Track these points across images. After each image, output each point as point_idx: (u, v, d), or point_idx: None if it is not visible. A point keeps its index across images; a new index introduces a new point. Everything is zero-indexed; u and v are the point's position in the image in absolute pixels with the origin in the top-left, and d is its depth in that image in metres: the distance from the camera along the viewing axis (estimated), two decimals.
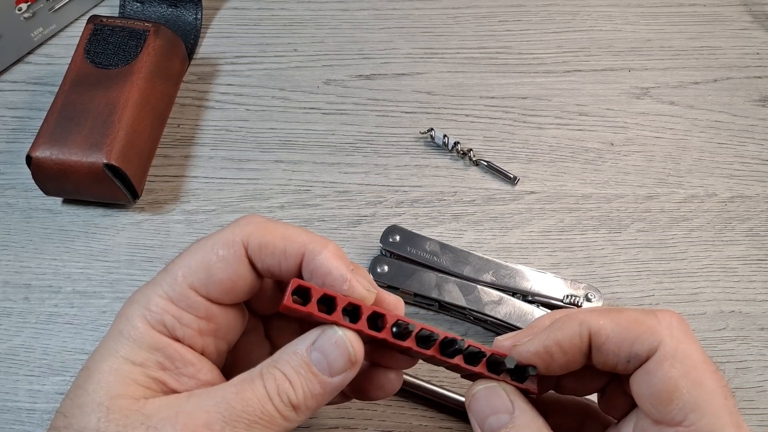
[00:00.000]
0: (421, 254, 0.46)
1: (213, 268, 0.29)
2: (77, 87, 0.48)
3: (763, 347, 0.45)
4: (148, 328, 0.28)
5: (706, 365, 0.27)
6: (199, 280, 0.29)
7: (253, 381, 0.27)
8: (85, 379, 0.27)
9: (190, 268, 0.29)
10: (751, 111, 0.55)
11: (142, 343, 0.28)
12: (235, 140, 0.53)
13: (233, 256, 0.29)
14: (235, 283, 0.29)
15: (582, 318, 0.29)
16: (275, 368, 0.28)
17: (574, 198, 0.51)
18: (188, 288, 0.29)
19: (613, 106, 0.55)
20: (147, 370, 0.28)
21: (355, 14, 0.60)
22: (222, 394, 0.27)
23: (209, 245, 0.29)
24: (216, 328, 0.30)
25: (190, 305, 0.29)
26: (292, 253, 0.29)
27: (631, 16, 0.61)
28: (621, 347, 0.28)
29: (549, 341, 0.29)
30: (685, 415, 0.26)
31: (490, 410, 0.29)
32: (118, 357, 0.28)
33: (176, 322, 0.28)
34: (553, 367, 0.30)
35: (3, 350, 0.44)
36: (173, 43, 0.52)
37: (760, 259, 0.48)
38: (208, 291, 0.29)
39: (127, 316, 0.29)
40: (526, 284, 0.45)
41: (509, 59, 0.58)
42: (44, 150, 0.45)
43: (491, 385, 0.30)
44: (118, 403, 0.26)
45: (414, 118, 0.54)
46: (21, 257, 0.47)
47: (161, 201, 0.50)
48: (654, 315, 0.28)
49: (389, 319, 0.29)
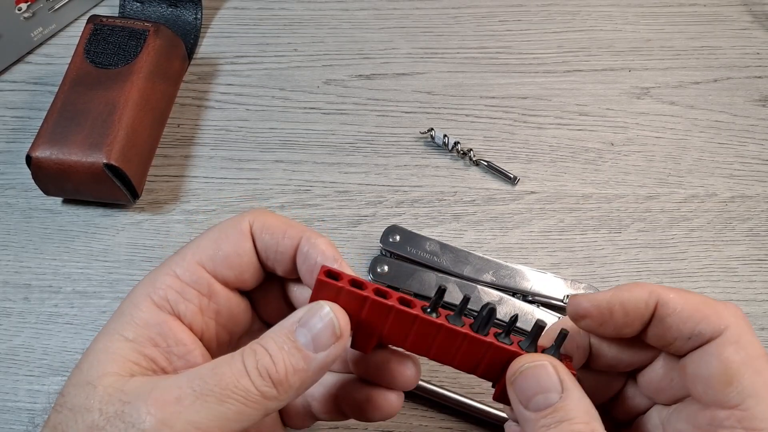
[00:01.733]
0: (421, 254, 0.46)
1: (220, 243, 0.30)
2: (77, 87, 0.48)
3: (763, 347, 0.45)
4: (150, 306, 0.29)
5: (766, 358, 0.27)
6: (207, 256, 0.30)
7: (231, 358, 0.27)
8: (82, 360, 0.28)
9: (199, 246, 0.30)
10: (752, 111, 0.55)
11: (139, 320, 0.28)
12: (235, 140, 0.53)
13: (240, 232, 0.31)
14: (241, 258, 0.30)
15: (652, 287, 0.29)
16: (257, 344, 0.27)
17: (575, 198, 0.51)
18: (195, 264, 0.30)
19: (614, 106, 0.55)
20: (138, 345, 0.28)
21: (355, 14, 0.60)
22: (197, 370, 0.27)
23: (218, 227, 0.31)
24: (217, 310, 0.31)
25: (195, 281, 0.30)
26: (291, 236, 0.31)
27: (632, 16, 0.61)
28: (686, 323, 0.28)
29: (614, 299, 0.29)
30: (743, 399, 0.26)
31: (539, 388, 0.28)
32: (113, 334, 0.28)
33: (179, 297, 0.29)
34: (606, 326, 0.29)
35: (3, 350, 0.44)
36: (173, 43, 0.52)
37: (760, 259, 0.48)
38: (215, 266, 0.30)
39: (130, 297, 0.29)
40: (526, 284, 0.45)
41: (509, 59, 0.58)
42: (44, 150, 0.45)
43: (540, 363, 0.29)
44: (105, 381, 0.26)
45: (414, 118, 0.54)
46: (21, 257, 0.47)
47: (161, 201, 0.50)
48: (721, 303, 0.29)
49: (416, 303, 0.29)
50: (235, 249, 0.30)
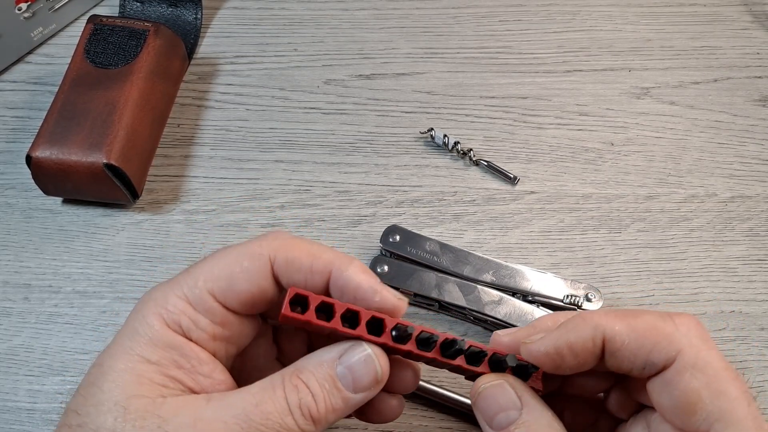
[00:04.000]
0: (421, 254, 0.46)
1: (235, 278, 0.29)
2: (77, 87, 0.48)
3: (763, 347, 0.45)
4: (164, 327, 0.28)
5: (727, 372, 0.26)
6: (220, 288, 0.29)
7: (274, 391, 0.27)
8: (99, 377, 0.27)
9: (213, 274, 0.29)
10: (752, 111, 0.55)
11: (158, 342, 0.28)
12: (235, 140, 0.53)
13: (258, 269, 0.29)
14: (255, 296, 0.29)
15: (597, 322, 0.28)
16: (298, 379, 0.27)
17: (575, 198, 0.51)
18: (207, 293, 0.29)
19: (614, 106, 0.55)
20: (163, 368, 0.27)
21: (355, 14, 0.60)
22: (242, 405, 0.27)
23: (234, 255, 0.29)
24: (230, 335, 0.30)
25: (208, 309, 0.29)
26: (319, 270, 0.29)
27: (632, 16, 0.61)
28: (637, 354, 0.27)
29: (560, 342, 0.28)
30: (710, 425, 0.26)
31: (498, 407, 0.29)
32: (133, 355, 0.27)
33: (192, 325, 0.28)
34: (562, 368, 0.29)
35: (3, 350, 0.44)
36: (173, 43, 0.52)
37: (760, 259, 0.48)
38: (226, 299, 0.29)
39: (142, 313, 0.28)
40: (526, 284, 0.45)
41: (509, 59, 0.58)
42: (44, 150, 0.45)
43: (497, 382, 0.29)
44: (135, 402, 0.26)
45: (414, 118, 0.54)
46: (21, 257, 0.47)
47: (161, 201, 0.50)
48: (671, 320, 0.27)
49: (388, 323, 0.29)
50: (250, 287, 0.29)
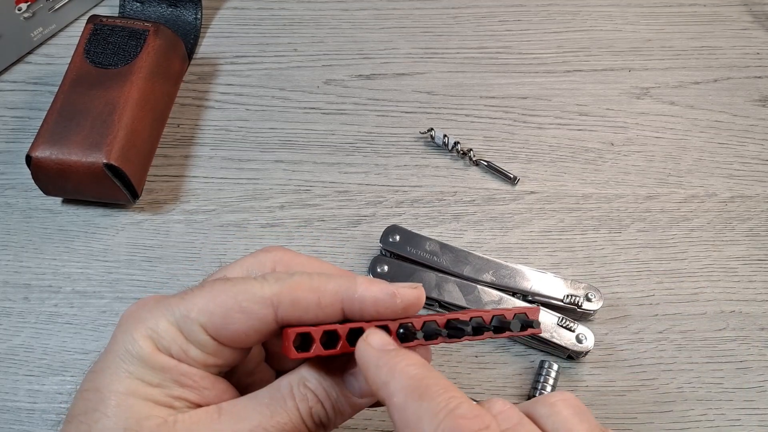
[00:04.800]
0: (421, 254, 0.46)
1: (232, 318, 0.27)
2: (77, 87, 0.48)
3: (763, 347, 0.45)
4: (155, 351, 0.27)
5: None
6: (213, 324, 0.27)
7: (285, 402, 0.27)
8: (100, 402, 0.26)
9: (207, 310, 0.27)
10: (751, 111, 0.55)
11: (154, 365, 0.27)
12: (235, 140, 0.53)
13: (258, 317, 0.27)
14: (250, 337, 0.28)
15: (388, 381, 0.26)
16: (307, 388, 0.27)
17: (575, 198, 0.51)
18: (199, 327, 0.27)
19: (614, 106, 0.55)
20: (165, 390, 0.27)
21: (355, 14, 0.60)
22: (257, 417, 0.26)
23: (233, 293, 0.27)
24: (222, 363, 0.29)
25: (199, 342, 0.27)
26: (328, 303, 0.27)
27: (632, 16, 0.61)
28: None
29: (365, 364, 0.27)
30: None
31: None
32: (132, 379, 0.26)
33: (182, 353, 0.27)
34: None
35: (3, 350, 0.44)
36: (173, 43, 0.52)
37: (760, 259, 0.48)
38: (219, 336, 0.27)
39: (132, 335, 0.27)
40: (526, 284, 0.45)
41: (509, 59, 0.58)
42: (44, 150, 0.45)
43: None
44: (147, 425, 0.25)
45: (414, 118, 0.54)
46: (21, 257, 0.47)
47: (161, 201, 0.50)
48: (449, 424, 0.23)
49: (392, 326, 0.28)
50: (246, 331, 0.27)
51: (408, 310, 0.28)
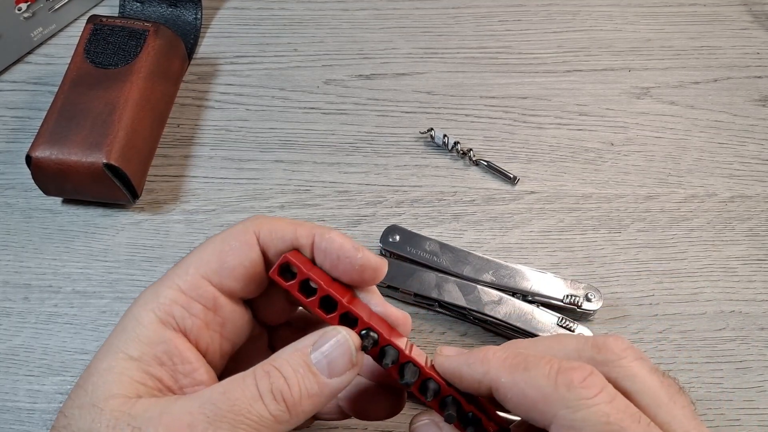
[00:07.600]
0: (421, 254, 0.46)
1: (225, 257, 0.29)
2: (77, 87, 0.48)
3: (763, 347, 0.45)
4: (154, 322, 0.28)
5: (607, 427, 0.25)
6: (212, 270, 0.29)
7: (244, 380, 0.27)
8: (86, 378, 0.27)
9: (202, 259, 0.29)
10: (751, 111, 0.55)
11: (144, 337, 0.28)
12: (235, 140, 0.53)
13: (245, 243, 0.30)
14: (248, 270, 0.30)
15: (488, 368, 0.28)
16: (271, 366, 0.27)
17: (574, 198, 0.51)
18: (200, 278, 0.29)
19: (613, 106, 0.55)
20: (144, 364, 0.27)
21: (355, 14, 0.60)
22: (209, 394, 0.26)
23: (219, 238, 0.30)
24: (222, 323, 0.30)
25: (200, 295, 0.29)
26: (303, 235, 0.30)
27: (632, 15, 0.61)
28: (518, 410, 0.27)
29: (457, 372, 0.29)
30: None
31: None
32: (117, 354, 0.27)
33: (185, 312, 0.28)
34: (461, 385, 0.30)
35: (3, 350, 0.44)
36: (173, 43, 0.52)
37: (760, 259, 0.48)
38: (220, 279, 0.29)
39: (133, 313, 0.28)
40: (526, 284, 0.45)
41: (509, 59, 0.58)
42: (44, 150, 0.45)
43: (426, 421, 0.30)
44: (111, 403, 0.26)
45: (414, 118, 0.54)
46: (21, 257, 0.47)
47: (161, 201, 0.50)
48: (564, 376, 0.26)
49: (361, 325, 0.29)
50: (242, 261, 0.29)
51: (365, 271, 0.29)
